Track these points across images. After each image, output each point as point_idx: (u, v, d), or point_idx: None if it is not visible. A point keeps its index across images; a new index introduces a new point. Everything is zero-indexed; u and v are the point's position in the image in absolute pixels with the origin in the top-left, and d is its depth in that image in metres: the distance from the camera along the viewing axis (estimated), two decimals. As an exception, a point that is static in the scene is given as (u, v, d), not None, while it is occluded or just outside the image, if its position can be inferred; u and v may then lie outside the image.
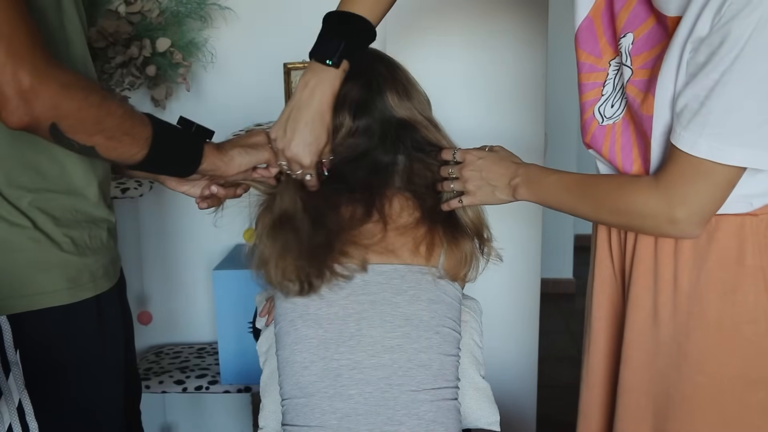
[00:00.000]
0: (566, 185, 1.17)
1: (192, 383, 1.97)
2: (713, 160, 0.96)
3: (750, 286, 1.05)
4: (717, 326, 1.08)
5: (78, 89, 0.97)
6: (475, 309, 1.37)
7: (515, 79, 1.95)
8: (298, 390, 1.20)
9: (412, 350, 1.18)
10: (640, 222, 1.08)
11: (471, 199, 1.24)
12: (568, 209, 1.19)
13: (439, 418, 1.18)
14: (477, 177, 1.23)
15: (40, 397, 1.09)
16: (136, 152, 1.05)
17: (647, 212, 1.05)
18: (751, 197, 1.04)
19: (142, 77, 1.91)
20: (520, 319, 2.09)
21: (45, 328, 1.09)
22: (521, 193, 1.21)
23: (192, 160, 1.14)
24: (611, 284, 1.23)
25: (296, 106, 1.19)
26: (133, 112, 1.05)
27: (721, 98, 0.93)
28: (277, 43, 2.02)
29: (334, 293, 1.20)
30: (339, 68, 1.17)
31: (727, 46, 0.90)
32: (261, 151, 1.21)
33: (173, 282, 2.22)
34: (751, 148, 0.94)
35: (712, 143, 0.95)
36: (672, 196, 1.02)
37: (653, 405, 1.14)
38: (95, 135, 1.00)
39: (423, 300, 1.20)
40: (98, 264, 1.14)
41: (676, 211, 1.02)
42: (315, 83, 1.18)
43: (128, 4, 1.85)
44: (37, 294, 1.07)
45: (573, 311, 3.71)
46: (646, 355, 1.14)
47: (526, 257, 2.04)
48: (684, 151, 0.98)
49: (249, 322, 1.55)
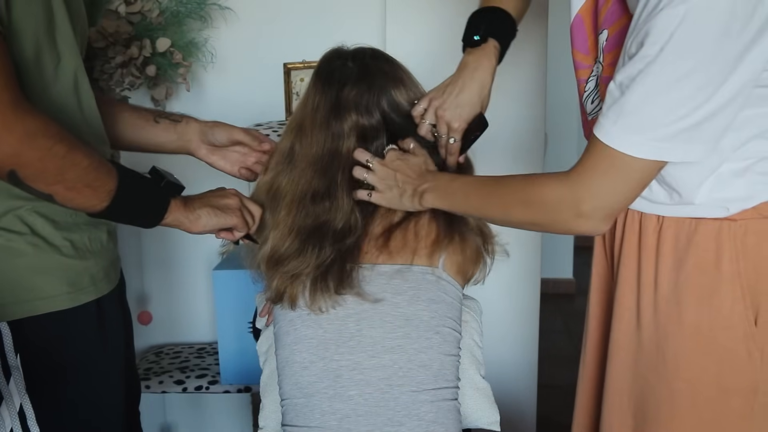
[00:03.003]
0: (474, 186, 1.17)
1: (192, 383, 1.97)
2: (622, 151, 0.94)
3: (727, 292, 1.03)
4: (694, 331, 1.06)
5: (44, 138, 0.94)
6: (475, 309, 1.37)
7: (515, 78, 1.95)
8: (298, 390, 1.20)
9: (412, 350, 1.18)
10: (548, 216, 1.06)
11: (378, 197, 1.22)
12: (477, 211, 1.17)
13: (439, 418, 1.18)
14: (391, 177, 1.21)
15: (41, 401, 1.09)
16: (96, 203, 1.03)
17: (555, 204, 1.03)
18: (727, 202, 1.02)
19: (142, 77, 1.91)
20: (520, 319, 2.10)
21: (46, 332, 1.09)
22: (428, 199, 1.19)
23: (155, 214, 1.11)
24: (607, 283, 1.23)
25: (459, 76, 1.24)
26: (101, 163, 1.02)
27: (640, 89, 0.91)
28: (277, 43, 2.02)
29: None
30: (489, 44, 1.23)
31: (652, 37, 0.89)
32: (230, 216, 1.18)
33: (173, 282, 2.22)
34: (662, 142, 0.92)
35: (624, 133, 0.93)
36: (581, 186, 1.00)
37: (634, 407, 1.14)
38: (55, 185, 0.98)
39: (423, 300, 1.20)
40: (98, 267, 1.14)
41: (583, 204, 1.00)
42: (473, 59, 1.24)
43: (128, 4, 1.86)
44: (38, 299, 1.07)
45: (573, 311, 3.71)
46: (629, 356, 1.14)
47: (526, 257, 2.04)
48: (598, 139, 0.96)
49: (249, 322, 1.55)
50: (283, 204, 1.24)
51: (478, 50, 1.24)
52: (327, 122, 1.23)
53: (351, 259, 1.20)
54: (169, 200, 1.12)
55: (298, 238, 1.21)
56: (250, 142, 1.35)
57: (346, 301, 1.19)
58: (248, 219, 1.22)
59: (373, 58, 1.29)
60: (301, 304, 1.20)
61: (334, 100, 1.24)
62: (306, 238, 1.21)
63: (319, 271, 1.19)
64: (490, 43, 1.24)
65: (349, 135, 1.23)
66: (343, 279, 1.18)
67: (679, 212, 1.06)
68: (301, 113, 1.28)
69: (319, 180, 1.23)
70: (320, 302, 1.19)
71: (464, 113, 1.23)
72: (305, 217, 1.22)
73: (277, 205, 1.25)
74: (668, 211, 1.07)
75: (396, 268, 1.20)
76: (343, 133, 1.23)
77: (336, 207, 1.21)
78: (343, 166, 1.23)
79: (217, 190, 1.23)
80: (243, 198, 1.23)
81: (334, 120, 1.23)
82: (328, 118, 1.23)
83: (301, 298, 1.20)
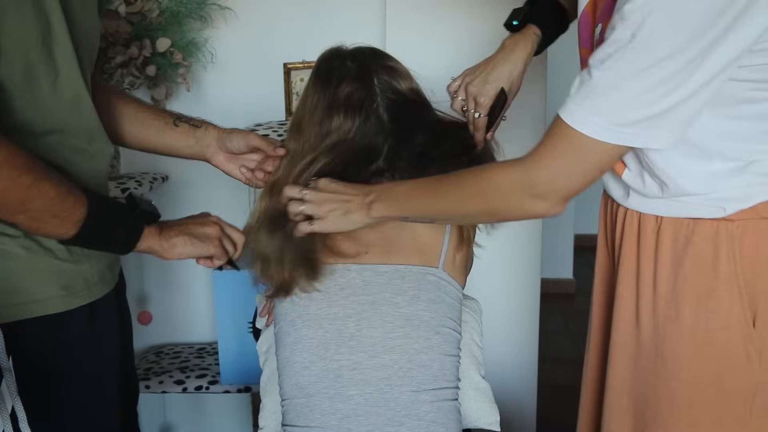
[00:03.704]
0: (423, 187, 1.16)
1: (192, 383, 1.97)
2: (584, 132, 0.93)
3: (724, 293, 1.03)
4: (692, 332, 1.06)
5: (10, 168, 0.93)
6: (475, 309, 1.37)
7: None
8: (298, 390, 1.20)
9: (412, 351, 1.18)
10: (503, 202, 1.06)
11: (322, 224, 1.17)
12: (430, 211, 1.16)
13: (439, 418, 1.18)
14: (330, 200, 1.17)
15: (33, 404, 1.08)
16: (64, 233, 1.02)
17: (509, 189, 1.04)
18: (723, 201, 1.02)
19: (142, 77, 1.91)
20: (520, 319, 2.09)
21: (38, 334, 1.08)
22: (377, 208, 1.15)
23: (126, 242, 1.10)
24: (610, 283, 1.23)
25: (494, 56, 1.29)
26: (69, 192, 1.01)
27: (609, 73, 0.91)
28: (277, 43, 2.02)
29: (334, 293, 1.20)
30: (529, 30, 1.28)
31: (625, 22, 0.89)
32: (207, 246, 1.16)
33: (173, 282, 2.22)
34: (626, 127, 0.92)
35: (589, 115, 0.93)
36: (536, 169, 1.00)
37: (634, 406, 1.14)
38: (18, 215, 0.98)
39: (423, 300, 1.20)
40: (93, 270, 1.13)
41: (539, 186, 1.00)
42: (511, 42, 1.29)
43: (128, 4, 1.86)
44: (30, 302, 1.06)
45: (573, 311, 3.71)
46: (628, 356, 1.14)
47: (526, 257, 2.04)
48: (562, 120, 0.95)
49: (249, 322, 1.55)
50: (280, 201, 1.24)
51: (517, 35, 1.29)
52: (324, 121, 1.23)
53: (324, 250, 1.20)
54: (143, 228, 1.10)
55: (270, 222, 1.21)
56: (266, 148, 1.32)
57: (347, 301, 1.19)
58: (228, 248, 1.19)
59: (373, 58, 1.29)
60: (302, 301, 1.20)
61: (331, 99, 1.23)
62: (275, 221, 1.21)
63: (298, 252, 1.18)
64: (530, 29, 1.28)
65: (346, 132, 1.23)
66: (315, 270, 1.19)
67: (677, 212, 1.06)
68: (299, 112, 1.28)
69: None
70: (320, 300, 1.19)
71: (491, 90, 1.27)
72: None
73: None
74: (665, 210, 1.07)
75: (396, 269, 1.20)
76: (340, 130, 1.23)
77: None
78: None
79: (198, 216, 1.21)
80: (224, 226, 1.20)
81: (332, 118, 1.23)
82: (324, 116, 1.23)
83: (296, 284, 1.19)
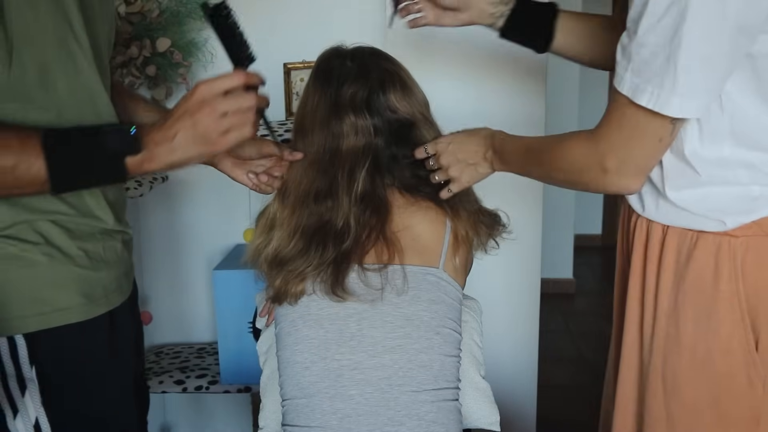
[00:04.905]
0: (523, 152, 1.18)
1: (192, 383, 1.97)
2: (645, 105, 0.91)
3: (725, 313, 0.99)
4: (691, 353, 1.02)
5: None
6: (475, 309, 1.37)
7: (515, 78, 1.95)
8: (299, 390, 1.20)
9: (412, 351, 1.18)
10: (580, 176, 1.04)
11: (458, 184, 1.25)
12: (530, 175, 1.20)
13: (439, 418, 1.18)
14: (454, 161, 1.23)
15: (56, 414, 1.07)
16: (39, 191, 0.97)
17: (583, 163, 1.02)
18: (722, 215, 0.99)
19: (142, 77, 1.91)
20: (520, 319, 2.09)
21: (61, 344, 1.07)
22: (497, 165, 1.22)
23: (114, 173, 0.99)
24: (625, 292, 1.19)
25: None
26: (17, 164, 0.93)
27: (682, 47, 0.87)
28: (277, 43, 2.02)
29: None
30: None
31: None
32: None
33: (173, 282, 2.22)
34: (688, 99, 0.90)
35: (654, 89, 0.90)
36: (603, 143, 0.98)
37: (637, 425, 1.12)
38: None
39: (424, 300, 1.20)
40: (111, 277, 1.13)
41: (607, 160, 0.98)
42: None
43: (128, 4, 1.86)
44: (54, 311, 1.05)
45: (573, 311, 3.72)
46: (633, 373, 1.12)
47: (526, 257, 2.04)
48: (623, 94, 0.93)
49: (249, 322, 1.55)
50: (288, 203, 1.24)
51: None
52: (326, 121, 1.23)
53: (348, 260, 1.19)
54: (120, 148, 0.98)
55: (303, 238, 1.21)
56: (281, 154, 1.29)
57: (347, 301, 1.19)
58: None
59: (372, 57, 1.28)
60: (303, 301, 1.20)
61: (333, 99, 1.23)
62: (311, 237, 1.20)
63: (320, 270, 1.19)
64: None
65: (348, 134, 1.23)
66: (338, 280, 1.18)
67: (682, 222, 1.03)
68: (301, 113, 1.28)
69: (321, 179, 1.23)
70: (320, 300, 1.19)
71: None
72: (309, 217, 1.22)
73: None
74: (674, 217, 1.04)
75: (397, 269, 1.20)
76: (342, 132, 1.23)
77: (337, 206, 1.21)
78: (343, 164, 1.23)
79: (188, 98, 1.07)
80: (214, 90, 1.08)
81: (334, 119, 1.23)
82: (327, 117, 1.23)
83: (303, 296, 1.20)
